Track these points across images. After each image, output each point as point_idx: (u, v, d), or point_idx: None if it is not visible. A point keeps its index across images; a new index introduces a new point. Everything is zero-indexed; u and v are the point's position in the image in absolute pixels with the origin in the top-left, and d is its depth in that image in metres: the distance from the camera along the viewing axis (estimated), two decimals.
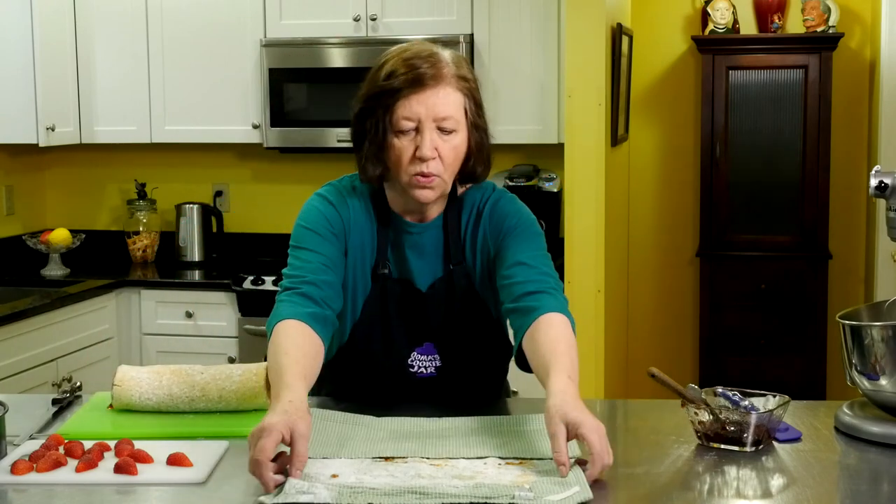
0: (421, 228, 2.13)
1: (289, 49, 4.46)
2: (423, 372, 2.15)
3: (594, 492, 1.68)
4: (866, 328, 1.94)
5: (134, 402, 2.10)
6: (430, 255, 2.14)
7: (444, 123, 2.01)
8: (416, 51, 2.03)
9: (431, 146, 2.00)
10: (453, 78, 2.02)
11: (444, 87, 2.01)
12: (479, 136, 2.08)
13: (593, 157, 4.07)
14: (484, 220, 2.15)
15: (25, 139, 4.35)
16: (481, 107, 2.10)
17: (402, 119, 2.00)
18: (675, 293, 5.40)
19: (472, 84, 2.07)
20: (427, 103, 1.99)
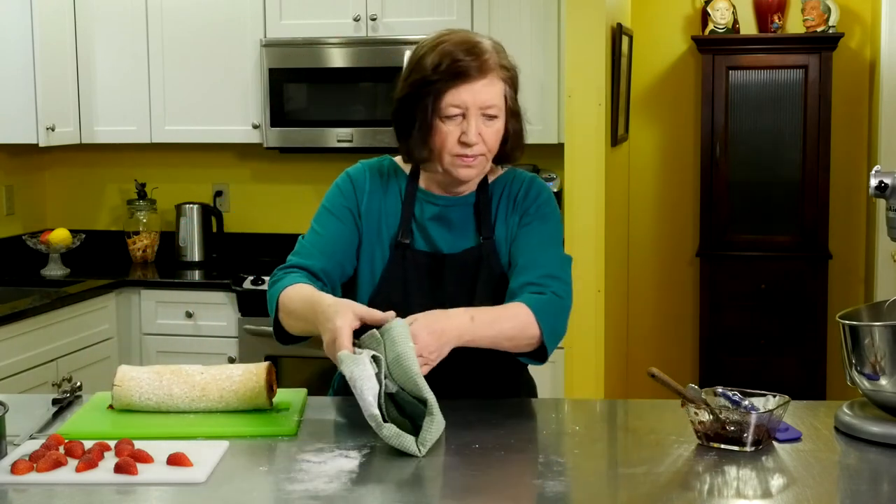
0: (449, 202, 2.25)
1: (289, 49, 4.46)
2: None
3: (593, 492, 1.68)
4: (866, 328, 1.94)
5: (134, 402, 2.10)
6: (458, 228, 2.25)
7: (489, 111, 2.14)
8: (461, 40, 2.15)
9: (476, 132, 2.13)
10: (497, 67, 2.15)
11: (489, 76, 2.13)
12: (515, 121, 2.22)
13: (593, 157, 4.07)
14: (518, 202, 2.27)
15: (25, 139, 4.35)
16: (517, 93, 2.22)
17: (450, 106, 2.12)
18: (675, 293, 5.40)
19: (512, 73, 2.19)
20: (474, 92, 2.12)
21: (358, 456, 1.87)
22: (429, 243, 2.25)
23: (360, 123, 4.42)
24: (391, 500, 1.68)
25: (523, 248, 2.23)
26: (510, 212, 2.27)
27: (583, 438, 2.03)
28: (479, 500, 1.73)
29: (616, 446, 2.08)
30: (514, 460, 1.88)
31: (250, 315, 4.30)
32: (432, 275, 2.22)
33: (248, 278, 4.32)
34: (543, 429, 2.09)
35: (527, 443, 1.99)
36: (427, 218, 2.25)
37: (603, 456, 2.00)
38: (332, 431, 2.02)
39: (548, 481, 1.74)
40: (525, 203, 2.27)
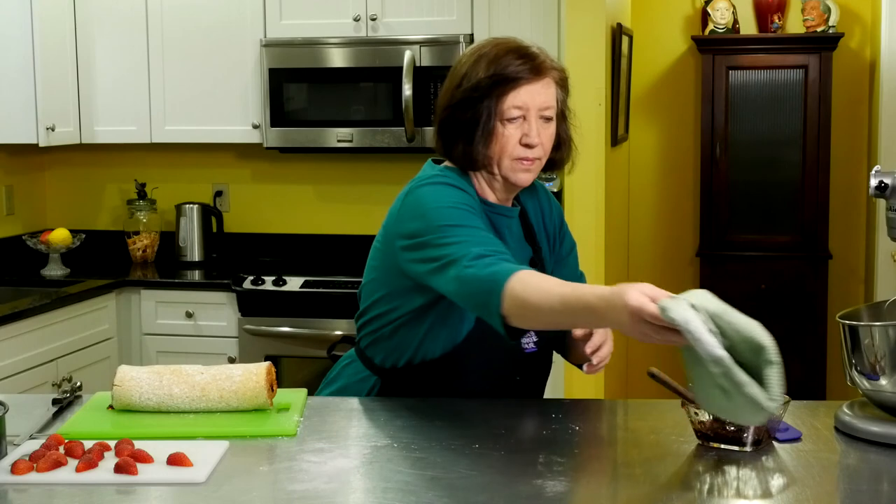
0: (505, 211, 2.23)
1: (289, 49, 4.46)
2: (528, 347, 2.23)
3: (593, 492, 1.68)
4: (866, 328, 1.94)
5: (134, 403, 2.10)
6: (515, 240, 2.24)
7: (546, 112, 2.16)
8: (514, 45, 2.16)
9: (538, 133, 2.14)
10: (553, 70, 2.19)
11: (546, 78, 2.16)
12: (565, 125, 2.25)
13: (593, 157, 4.07)
14: (551, 213, 2.34)
15: (25, 139, 4.35)
16: (567, 97, 2.26)
17: (513, 108, 2.12)
18: (674, 293, 5.39)
19: (564, 74, 2.23)
20: (533, 94, 2.13)
21: (358, 456, 1.87)
22: None
23: (360, 123, 4.42)
24: (391, 500, 1.68)
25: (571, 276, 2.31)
26: (546, 224, 2.33)
27: (583, 438, 2.03)
28: (479, 500, 1.73)
29: (616, 446, 2.08)
30: (514, 460, 1.88)
31: (250, 315, 4.30)
32: None
33: (248, 278, 4.32)
34: (543, 429, 2.09)
35: (527, 443, 1.99)
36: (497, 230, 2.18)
37: (603, 456, 2.00)
38: (332, 431, 2.02)
39: (548, 481, 1.74)
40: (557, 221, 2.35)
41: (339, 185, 4.83)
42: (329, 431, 2.02)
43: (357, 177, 4.83)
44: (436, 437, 1.97)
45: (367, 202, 4.78)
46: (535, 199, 2.33)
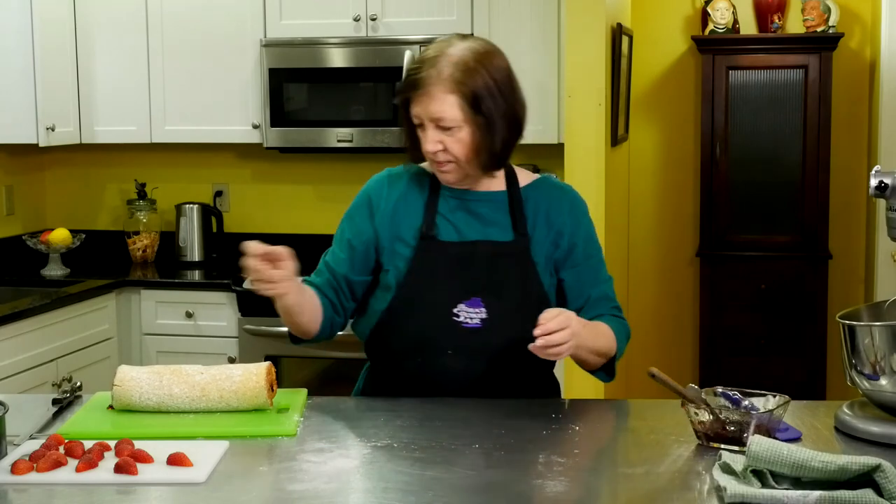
0: (475, 196, 2.30)
1: (289, 49, 4.46)
2: (469, 322, 2.23)
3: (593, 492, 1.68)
4: (866, 328, 1.94)
5: (134, 403, 2.10)
6: (490, 222, 2.29)
7: (441, 122, 2.18)
8: (427, 53, 2.22)
9: (433, 141, 2.19)
10: (447, 80, 2.16)
11: (437, 89, 2.16)
12: (482, 129, 2.20)
13: (593, 157, 4.07)
14: (564, 213, 2.34)
15: (25, 139, 4.35)
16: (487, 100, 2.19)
17: (413, 117, 2.23)
18: (675, 293, 5.40)
19: (468, 84, 2.17)
20: (423, 104, 2.19)
21: (358, 456, 1.88)
22: (458, 233, 2.29)
23: (360, 123, 4.42)
24: (391, 500, 1.68)
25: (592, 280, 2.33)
26: (553, 213, 2.32)
27: (583, 438, 2.03)
28: (479, 500, 1.73)
29: (616, 446, 2.08)
30: (514, 460, 1.88)
31: (250, 315, 4.30)
32: (462, 262, 2.26)
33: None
34: (543, 429, 2.09)
35: (527, 443, 1.99)
36: (452, 210, 2.30)
37: (603, 456, 2.00)
38: (332, 431, 2.02)
39: (548, 481, 1.75)
40: (578, 225, 2.34)
41: (339, 185, 4.83)
42: (329, 431, 2.02)
43: (357, 177, 4.79)
44: (436, 437, 1.97)
45: None
46: (549, 195, 2.35)
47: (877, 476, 1.60)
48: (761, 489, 1.63)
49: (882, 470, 1.60)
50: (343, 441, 1.95)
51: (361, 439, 1.96)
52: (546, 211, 2.32)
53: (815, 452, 1.65)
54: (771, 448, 1.66)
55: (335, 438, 1.97)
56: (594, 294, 2.32)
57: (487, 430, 2.03)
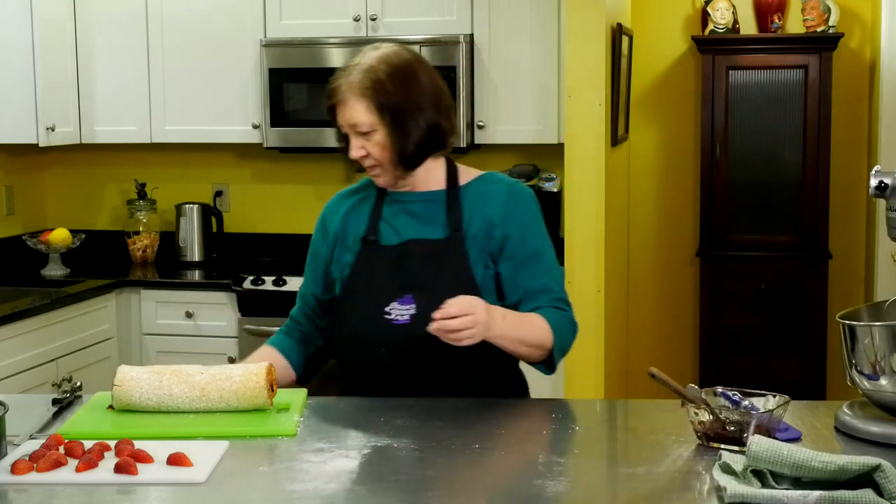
0: (414, 197, 2.38)
1: (289, 49, 4.46)
2: (399, 319, 2.28)
3: (593, 492, 1.67)
4: (866, 328, 1.94)
5: (134, 403, 2.10)
6: (427, 221, 2.36)
7: (357, 128, 2.30)
8: (345, 65, 2.33)
9: (356, 147, 2.32)
10: (357, 87, 2.27)
11: (349, 96, 2.28)
12: (395, 131, 2.28)
13: (593, 157, 4.07)
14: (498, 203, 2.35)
15: (25, 139, 4.35)
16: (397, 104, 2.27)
17: (340, 126, 2.35)
18: (675, 293, 5.40)
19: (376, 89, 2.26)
20: (341, 113, 2.31)
21: (358, 456, 1.88)
22: (397, 235, 2.36)
23: None
24: (391, 500, 1.68)
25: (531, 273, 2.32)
26: (488, 205, 2.34)
27: (583, 438, 2.03)
28: (479, 500, 1.73)
29: (616, 446, 2.08)
30: (514, 460, 1.88)
31: (250, 315, 4.30)
32: (398, 263, 2.32)
33: (248, 278, 4.32)
34: (543, 429, 2.09)
35: (527, 443, 1.99)
36: (394, 214, 2.38)
37: (603, 456, 2.00)
38: (332, 431, 2.02)
39: (548, 481, 1.74)
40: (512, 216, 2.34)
41: (339, 185, 4.78)
42: (329, 431, 2.02)
43: (357, 177, 4.82)
44: (436, 437, 1.97)
45: None
46: (487, 189, 2.37)
47: (877, 476, 1.60)
48: (761, 489, 1.63)
49: (882, 470, 1.60)
50: (343, 441, 1.95)
51: (361, 439, 1.96)
52: (482, 204, 2.35)
53: (815, 452, 1.65)
54: (771, 448, 1.66)
55: (335, 438, 1.97)
56: (533, 286, 2.31)
57: (487, 430, 2.03)
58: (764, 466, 1.66)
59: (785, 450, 1.65)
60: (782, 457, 1.65)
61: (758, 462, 1.66)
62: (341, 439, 1.97)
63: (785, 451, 1.65)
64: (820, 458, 1.64)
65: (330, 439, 1.96)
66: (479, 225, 2.33)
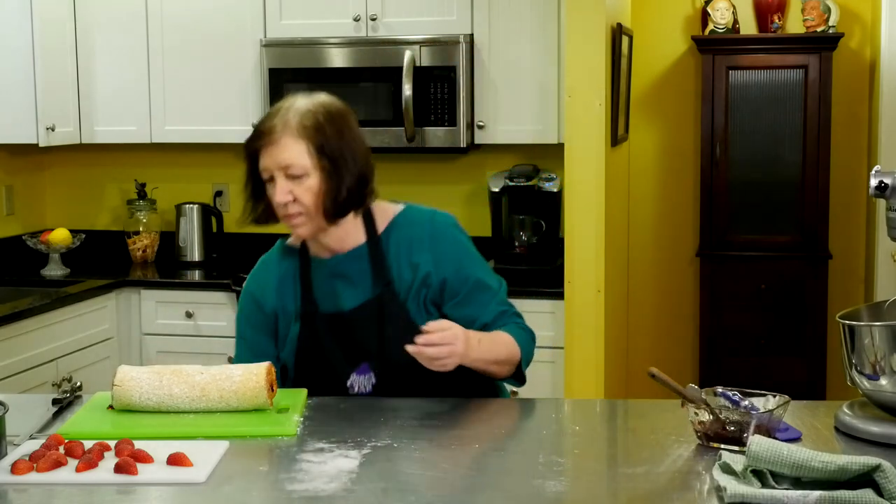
0: (338, 259, 2.33)
1: (289, 49, 4.46)
2: (364, 391, 2.29)
3: (593, 492, 1.67)
4: (866, 328, 1.94)
5: (134, 403, 2.10)
6: (358, 282, 2.31)
7: (290, 171, 2.21)
8: (275, 107, 2.28)
9: (283, 192, 2.22)
10: (295, 128, 2.21)
11: (285, 137, 2.21)
12: (330, 177, 2.23)
13: (593, 157, 4.07)
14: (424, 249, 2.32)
15: (25, 139, 4.35)
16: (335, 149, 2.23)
17: (262, 171, 2.25)
18: (675, 293, 5.40)
19: (315, 131, 2.22)
20: (272, 155, 2.22)
21: (358, 456, 1.87)
22: (333, 303, 2.32)
23: (359, 123, 4.41)
24: (391, 500, 1.68)
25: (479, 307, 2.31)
26: (415, 252, 2.31)
27: (583, 438, 2.03)
28: (479, 500, 1.73)
29: (616, 446, 2.08)
30: (514, 460, 1.88)
31: None
32: (341, 333, 2.30)
33: None
34: (543, 429, 2.09)
35: (527, 443, 1.99)
36: (324, 280, 2.33)
37: (603, 456, 2.00)
38: (332, 431, 2.02)
39: (548, 481, 1.75)
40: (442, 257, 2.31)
41: None
42: (329, 431, 2.02)
43: None
44: (436, 437, 1.97)
45: None
46: (408, 233, 2.34)
47: (877, 476, 1.60)
48: (761, 489, 1.63)
49: (882, 470, 1.60)
50: (343, 441, 1.95)
51: (361, 439, 1.96)
52: (407, 251, 2.32)
53: (815, 452, 1.65)
54: (771, 448, 1.66)
55: (335, 438, 1.97)
56: (487, 318, 2.32)
57: (487, 430, 2.03)
58: (764, 466, 1.66)
59: (785, 450, 1.65)
60: (782, 457, 1.65)
61: (758, 462, 1.66)
62: (341, 439, 1.97)
63: (785, 451, 1.65)
64: (820, 458, 1.64)
65: (330, 439, 1.96)
66: (410, 275, 2.30)
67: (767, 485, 1.65)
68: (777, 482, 1.65)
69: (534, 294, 4.14)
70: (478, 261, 2.38)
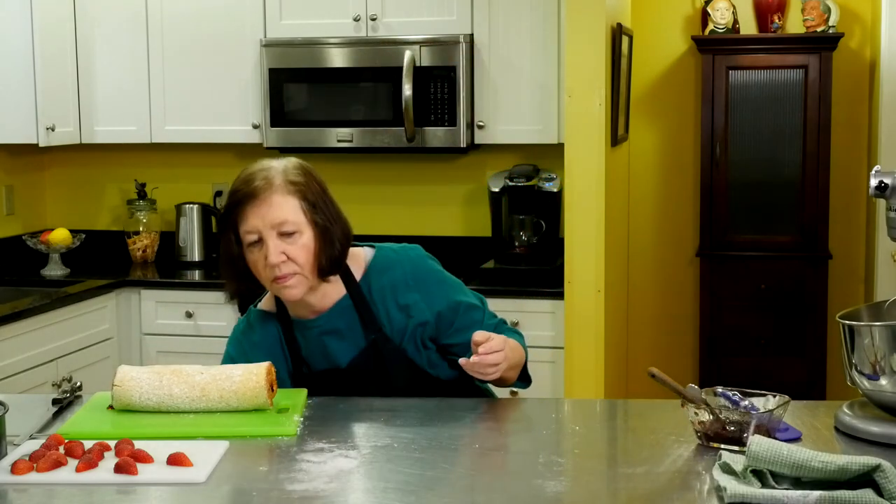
0: (325, 317, 2.28)
1: (289, 49, 4.46)
2: None
3: (593, 492, 1.67)
4: (866, 328, 1.94)
5: (134, 403, 2.10)
6: (348, 335, 2.28)
7: (283, 228, 2.15)
8: (251, 169, 2.20)
9: (276, 252, 2.15)
10: (282, 185, 2.16)
11: (274, 195, 2.15)
12: (323, 232, 2.20)
13: (593, 157, 4.07)
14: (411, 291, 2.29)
15: (25, 139, 4.35)
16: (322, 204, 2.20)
17: (246, 234, 2.16)
18: (675, 293, 5.40)
19: (303, 186, 2.19)
20: (261, 214, 2.15)
21: (358, 456, 1.88)
22: (327, 361, 2.29)
23: (360, 123, 4.42)
24: (391, 500, 1.68)
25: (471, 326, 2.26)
26: (400, 295, 2.28)
27: (583, 438, 2.03)
28: (479, 500, 1.73)
29: (616, 446, 2.08)
30: (514, 460, 1.88)
31: None
32: (339, 389, 2.27)
33: None
34: (543, 429, 2.09)
35: (527, 443, 1.99)
36: (313, 340, 2.29)
37: (603, 456, 2.00)
38: (332, 431, 2.02)
39: (548, 481, 1.75)
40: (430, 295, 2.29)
41: (338, 185, 4.77)
42: (329, 431, 2.02)
43: (357, 177, 4.83)
44: (436, 437, 1.97)
45: (367, 202, 4.79)
46: (389, 277, 2.30)
47: (877, 476, 1.60)
48: (761, 489, 1.63)
49: (882, 470, 1.60)
50: (343, 441, 1.95)
51: (361, 439, 1.96)
52: (393, 296, 2.29)
53: (815, 452, 1.65)
54: (771, 448, 1.66)
55: (335, 438, 1.97)
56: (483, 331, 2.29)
57: (487, 430, 2.03)
58: (764, 466, 1.66)
59: (785, 450, 1.65)
60: (782, 457, 1.65)
61: (758, 462, 1.66)
62: (341, 439, 1.97)
63: (785, 451, 1.65)
64: (820, 458, 1.64)
65: (330, 439, 1.96)
66: (402, 317, 2.28)
67: (767, 485, 1.65)
68: (777, 482, 1.65)
69: (534, 294, 4.14)
70: (457, 285, 2.36)
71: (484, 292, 2.54)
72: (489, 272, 4.40)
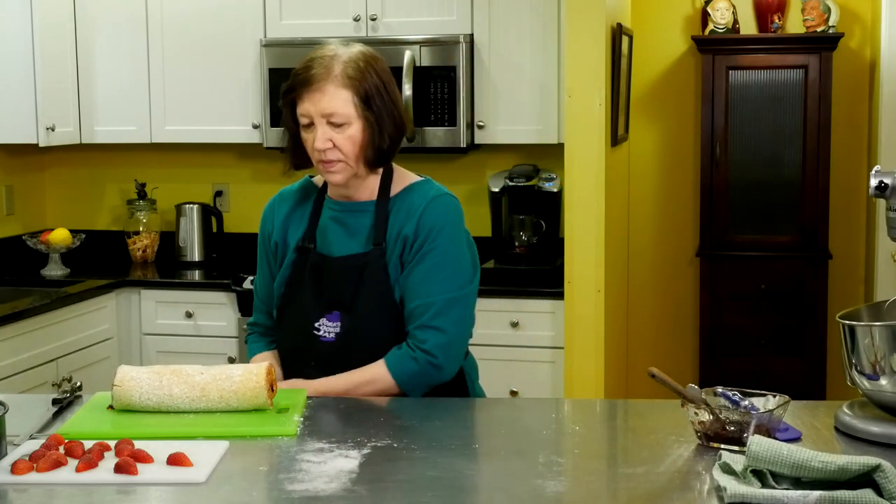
0: (345, 207, 2.36)
1: (289, 49, 4.46)
2: (326, 336, 2.32)
3: (593, 492, 1.67)
4: (866, 328, 1.94)
5: (134, 403, 2.10)
6: (354, 234, 2.34)
7: (332, 118, 2.24)
8: (316, 53, 2.29)
9: (323, 139, 2.24)
10: (339, 76, 2.23)
11: (329, 85, 2.23)
12: (372, 126, 2.26)
13: (593, 157, 4.07)
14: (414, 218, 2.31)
15: (25, 139, 4.35)
16: (377, 98, 2.26)
17: (300, 116, 2.27)
18: (675, 293, 5.40)
19: (359, 80, 2.25)
20: (314, 101, 2.24)
21: (358, 456, 1.87)
22: (328, 246, 2.35)
23: None
24: (391, 500, 1.68)
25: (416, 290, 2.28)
26: (405, 228, 2.30)
27: (583, 438, 2.03)
28: (479, 500, 1.73)
29: (616, 446, 2.08)
30: (514, 460, 1.88)
31: (250, 315, 4.27)
32: (326, 276, 2.33)
33: (248, 278, 4.32)
34: (543, 429, 2.09)
35: (527, 443, 1.99)
36: (329, 221, 2.37)
37: (603, 456, 2.00)
38: (332, 431, 2.02)
39: (548, 481, 1.75)
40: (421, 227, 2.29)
41: None
42: (329, 431, 2.02)
43: None
44: (436, 437, 1.97)
45: None
46: (411, 202, 2.33)
47: (877, 476, 1.60)
48: (761, 489, 1.63)
49: (882, 470, 1.60)
50: (343, 441, 1.95)
51: (361, 439, 1.96)
52: (404, 218, 2.32)
53: (815, 452, 1.65)
54: (771, 448, 1.66)
55: (335, 438, 1.97)
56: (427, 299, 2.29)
57: (487, 430, 2.03)
58: (764, 466, 1.66)
59: (785, 450, 1.65)
60: (782, 457, 1.65)
61: (758, 462, 1.66)
62: (341, 439, 1.97)
63: (785, 451, 1.65)
64: (820, 458, 1.64)
65: (330, 439, 1.96)
66: (398, 241, 2.31)
67: (767, 485, 1.65)
68: (777, 482, 1.65)
69: (534, 294, 4.14)
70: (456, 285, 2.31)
71: (484, 292, 2.54)
72: (489, 272, 4.40)
